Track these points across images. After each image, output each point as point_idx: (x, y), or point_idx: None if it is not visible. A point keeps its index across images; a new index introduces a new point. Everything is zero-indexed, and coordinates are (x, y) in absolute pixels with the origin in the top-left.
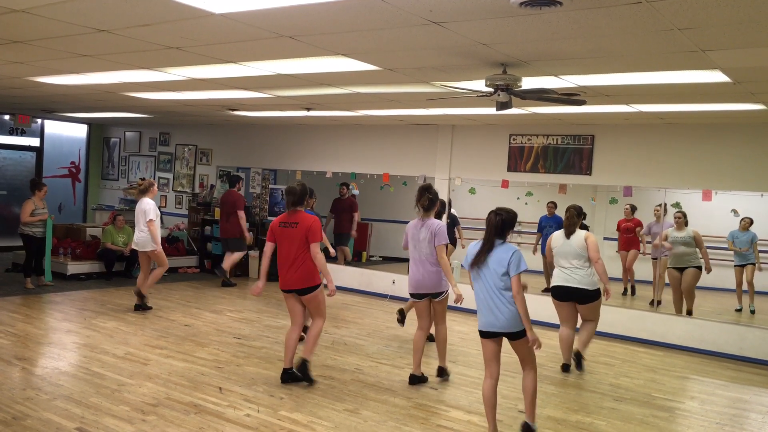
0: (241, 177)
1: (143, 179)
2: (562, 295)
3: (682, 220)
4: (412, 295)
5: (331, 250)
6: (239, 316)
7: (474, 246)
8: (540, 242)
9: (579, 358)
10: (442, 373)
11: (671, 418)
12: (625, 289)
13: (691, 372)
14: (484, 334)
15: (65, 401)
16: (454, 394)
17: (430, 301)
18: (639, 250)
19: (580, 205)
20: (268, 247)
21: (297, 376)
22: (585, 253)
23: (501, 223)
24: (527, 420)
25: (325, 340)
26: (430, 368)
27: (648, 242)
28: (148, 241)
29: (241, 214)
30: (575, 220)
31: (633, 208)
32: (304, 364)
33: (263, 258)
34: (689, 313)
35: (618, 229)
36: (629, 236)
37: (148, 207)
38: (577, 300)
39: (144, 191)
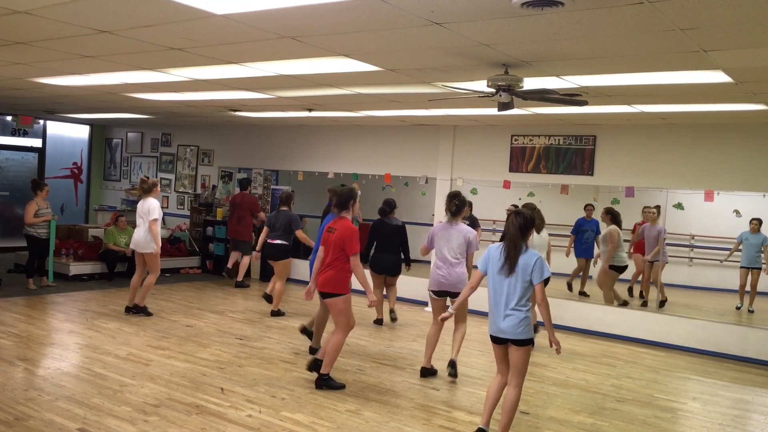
0: (251, 180)
1: (147, 177)
2: None
3: (604, 216)
4: (433, 292)
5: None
6: (241, 316)
7: (496, 249)
8: (573, 245)
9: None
10: (452, 364)
11: (673, 419)
12: (631, 289)
13: (694, 373)
14: (492, 339)
15: (67, 402)
16: (456, 395)
17: (446, 302)
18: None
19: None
20: (321, 251)
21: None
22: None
23: (525, 224)
24: None
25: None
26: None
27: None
28: (149, 242)
29: (262, 215)
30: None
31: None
32: (321, 378)
33: (316, 261)
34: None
35: (635, 231)
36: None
37: (152, 206)
38: None
39: (148, 191)
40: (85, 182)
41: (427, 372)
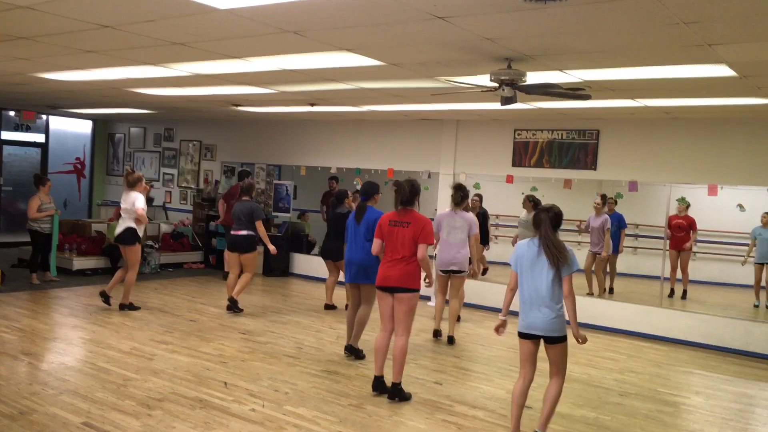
0: (250, 172)
1: (132, 170)
2: None
3: (526, 203)
4: (440, 270)
5: (271, 248)
6: (244, 311)
7: (525, 246)
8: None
9: None
10: (451, 341)
11: (676, 413)
12: (672, 290)
13: (696, 367)
14: (523, 335)
15: (71, 396)
16: (459, 389)
17: (450, 277)
18: (690, 250)
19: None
20: (377, 244)
21: (386, 387)
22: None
23: (555, 219)
24: (539, 429)
25: (330, 335)
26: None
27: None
28: (129, 235)
29: None
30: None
31: (688, 205)
32: (395, 388)
33: (375, 249)
34: None
35: (669, 227)
36: (680, 235)
37: (136, 198)
38: None
39: (132, 184)
40: (88, 177)
41: (437, 334)
